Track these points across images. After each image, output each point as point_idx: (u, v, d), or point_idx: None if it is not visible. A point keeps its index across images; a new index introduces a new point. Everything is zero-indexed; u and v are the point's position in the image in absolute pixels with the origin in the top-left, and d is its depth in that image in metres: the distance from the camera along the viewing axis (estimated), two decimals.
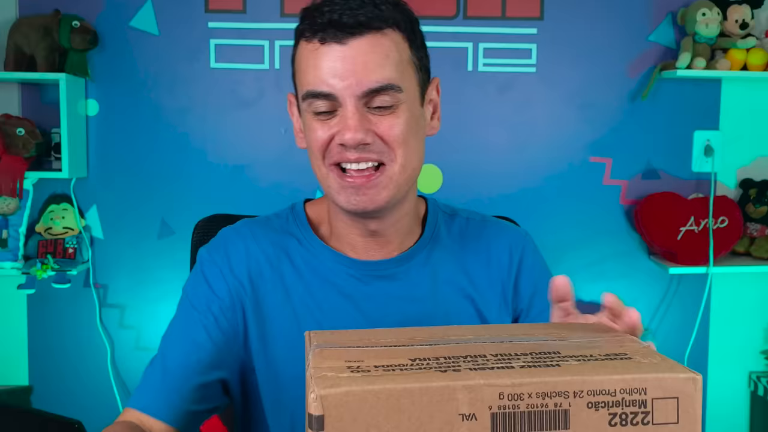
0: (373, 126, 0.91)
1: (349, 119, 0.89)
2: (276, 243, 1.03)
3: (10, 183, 2.25)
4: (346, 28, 0.89)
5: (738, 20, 2.37)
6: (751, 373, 2.59)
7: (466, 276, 1.03)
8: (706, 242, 2.41)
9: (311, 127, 0.93)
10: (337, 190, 0.94)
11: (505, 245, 1.06)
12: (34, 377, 2.49)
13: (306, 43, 0.92)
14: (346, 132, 0.89)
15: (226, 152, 2.44)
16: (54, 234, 2.40)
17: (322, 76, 0.89)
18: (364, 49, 0.89)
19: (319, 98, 0.91)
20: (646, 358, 0.60)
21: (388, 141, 0.92)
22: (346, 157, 0.92)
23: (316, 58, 0.90)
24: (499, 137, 2.49)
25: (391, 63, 0.91)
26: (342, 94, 0.89)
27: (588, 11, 2.45)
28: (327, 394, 0.54)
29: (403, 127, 0.92)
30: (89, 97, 2.42)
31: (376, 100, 0.90)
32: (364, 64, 0.89)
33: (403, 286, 1.00)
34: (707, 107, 2.52)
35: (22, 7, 2.36)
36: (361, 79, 0.89)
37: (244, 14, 2.41)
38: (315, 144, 0.93)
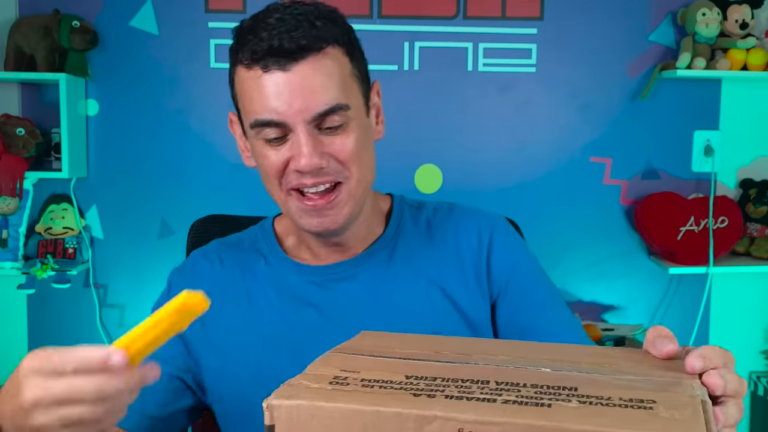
0: (325, 147, 0.90)
1: (303, 146, 0.88)
2: (243, 264, 1.04)
3: (10, 183, 2.25)
4: (287, 54, 0.87)
5: (738, 20, 2.37)
6: (751, 373, 2.59)
7: (435, 265, 1.01)
8: (706, 242, 2.41)
9: (263, 154, 0.93)
10: (298, 214, 0.94)
11: (474, 229, 1.03)
12: None
13: (246, 70, 0.90)
14: (300, 158, 0.89)
15: (226, 152, 2.44)
16: (54, 234, 2.40)
17: (269, 104, 0.88)
18: (307, 73, 0.88)
19: (268, 126, 0.90)
20: (670, 410, 0.51)
21: (343, 160, 0.91)
22: (302, 182, 0.91)
23: (260, 87, 0.88)
24: (499, 137, 2.49)
25: (336, 82, 0.90)
26: (292, 121, 0.88)
27: (588, 11, 2.45)
28: (279, 404, 0.53)
29: (354, 144, 0.92)
30: (89, 97, 2.42)
31: (326, 121, 0.89)
32: (310, 89, 0.88)
33: (364, 286, 0.99)
34: (707, 107, 2.52)
35: (22, 7, 2.36)
36: (309, 104, 0.88)
37: (244, 14, 2.40)
38: (269, 170, 0.93)
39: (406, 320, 0.97)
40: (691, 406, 0.52)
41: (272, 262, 1.03)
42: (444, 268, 1.01)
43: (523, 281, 1.02)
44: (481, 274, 1.01)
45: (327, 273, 1.00)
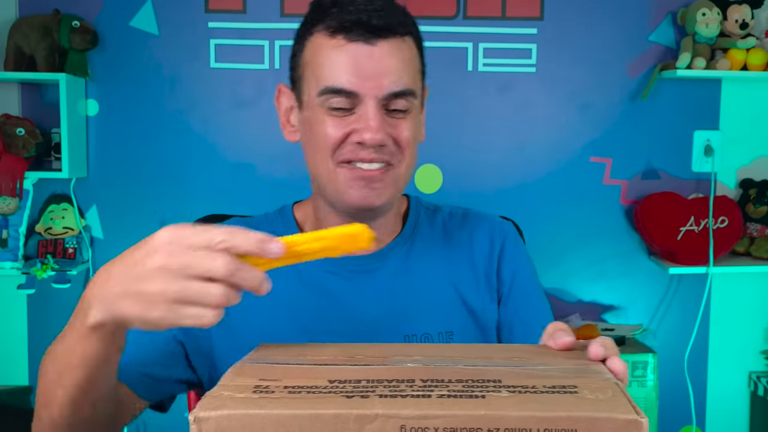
0: (388, 128, 0.92)
1: (371, 119, 0.90)
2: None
3: (10, 183, 2.25)
4: (375, 30, 0.90)
5: (738, 20, 2.37)
6: (751, 373, 2.59)
7: (450, 267, 1.04)
8: (706, 242, 2.41)
9: (322, 122, 0.93)
10: (347, 184, 0.94)
11: (486, 234, 1.07)
12: (34, 377, 2.49)
13: (327, 38, 0.92)
14: (366, 132, 0.90)
15: (226, 152, 2.44)
16: (54, 234, 2.40)
17: (347, 73, 0.90)
18: (390, 53, 0.91)
19: (340, 95, 0.91)
20: (594, 393, 0.54)
21: (401, 144, 0.94)
22: (360, 155, 0.92)
23: (341, 55, 0.90)
24: (499, 137, 2.49)
25: (410, 69, 0.93)
26: (366, 94, 0.90)
27: (588, 11, 2.45)
28: (207, 416, 0.51)
29: (412, 132, 0.95)
30: (89, 97, 2.42)
31: (393, 103, 0.92)
32: (388, 68, 0.90)
33: (383, 280, 1.01)
34: (707, 107, 2.52)
35: (22, 7, 2.36)
36: (385, 82, 0.90)
37: (244, 14, 2.41)
38: (325, 140, 0.93)
39: (420, 316, 1.00)
40: (610, 388, 0.55)
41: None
42: (458, 270, 1.04)
43: (524, 286, 1.07)
44: (491, 278, 1.05)
45: (348, 264, 1.00)
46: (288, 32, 2.39)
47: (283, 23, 2.40)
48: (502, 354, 0.66)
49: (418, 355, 0.65)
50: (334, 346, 0.70)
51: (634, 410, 0.50)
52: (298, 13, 2.39)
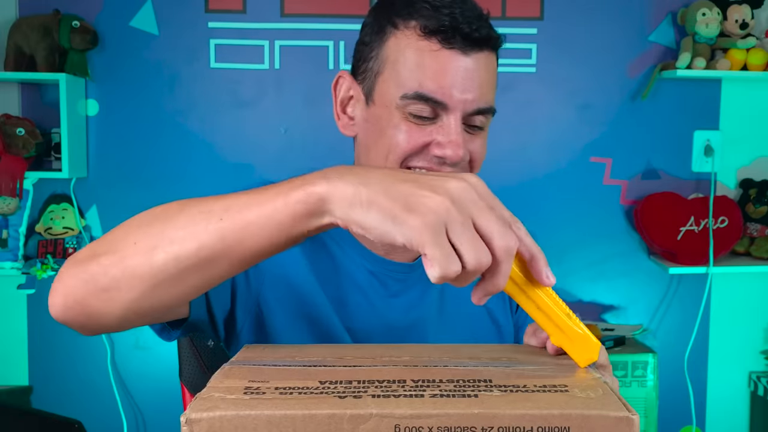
0: (467, 144, 0.89)
1: (455, 135, 0.86)
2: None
3: (10, 183, 2.25)
4: (474, 41, 0.86)
5: (738, 20, 2.37)
6: (751, 373, 2.59)
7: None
8: (706, 242, 2.41)
9: (398, 127, 0.87)
10: None
11: None
12: (34, 377, 2.49)
13: (419, 38, 0.86)
14: (448, 146, 0.86)
15: (226, 152, 2.44)
16: (54, 234, 2.40)
17: (440, 82, 0.85)
18: (483, 66, 0.87)
19: (426, 102, 0.85)
20: (585, 391, 0.54)
21: (474, 161, 0.91)
22: (434, 167, 0.87)
23: (435, 61, 0.85)
24: (499, 137, 2.49)
25: (494, 86, 0.91)
26: (455, 107, 0.86)
27: (588, 11, 2.45)
28: (199, 418, 0.50)
29: (485, 148, 0.93)
30: (89, 97, 2.42)
31: (473, 119, 0.89)
32: (480, 82, 0.87)
33: (417, 289, 0.97)
34: (707, 107, 2.52)
35: (22, 7, 2.36)
36: (476, 96, 0.86)
37: (244, 14, 2.41)
38: (399, 147, 0.87)
39: (448, 328, 0.98)
40: (600, 387, 0.55)
41: (333, 233, 0.96)
42: None
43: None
44: None
45: (387, 269, 0.96)
46: (288, 32, 2.41)
47: (283, 23, 2.40)
48: (489, 354, 0.67)
49: (406, 356, 0.65)
50: (323, 347, 0.69)
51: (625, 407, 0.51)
52: (298, 13, 2.39)
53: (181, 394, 1.34)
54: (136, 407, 2.48)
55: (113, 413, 2.47)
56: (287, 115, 2.43)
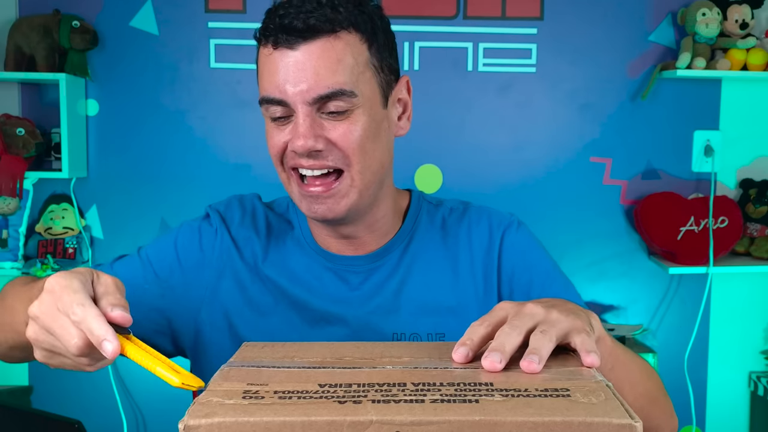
0: (326, 132, 0.89)
1: (299, 126, 0.88)
2: (273, 226, 1.04)
3: (10, 183, 2.25)
4: (295, 33, 0.87)
5: (738, 20, 2.37)
6: (751, 373, 2.59)
7: (446, 266, 1.01)
8: (706, 242, 2.41)
9: (269, 133, 0.93)
10: (298, 198, 0.94)
11: (485, 227, 1.03)
12: (34, 377, 2.49)
13: (262, 47, 0.91)
14: (296, 139, 0.89)
15: (226, 152, 2.45)
16: (54, 234, 2.40)
17: (275, 81, 0.88)
18: (315, 54, 0.87)
19: (273, 104, 0.90)
20: (587, 396, 0.54)
21: (343, 147, 0.90)
22: (300, 163, 0.91)
23: (270, 64, 0.89)
24: (499, 137, 2.49)
25: (344, 67, 0.88)
26: (293, 101, 0.88)
27: (588, 11, 2.45)
28: (197, 424, 0.50)
29: (359, 133, 0.90)
30: (89, 97, 2.42)
31: (329, 106, 0.88)
32: (314, 70, 0.87)
33: (376, 279, 0.99)
34: (707, 107, 2.52)
35: (22, 7, 2.36)
36: (312, 86, 0.87)
37: (244, 14, 2.41)
38: (272, 149, 0.93)
39: (410, 316, 0.98)
40: (602, 391, 0.55)
41: (299, 236, 1.02)
42: (455, 269, 1.01)
43: (538, 278, 1.04)
44: (491, 273, 1.01)
45: (344, 264, 1.00)
46: None
47: None
48: None
49: (406, 356, 0.65)
50: (321, 346, 0.69)
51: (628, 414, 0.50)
52: None
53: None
54: (136, 407, 2.48)
55: (113, 413, 2.47)
56: None
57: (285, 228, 1.04)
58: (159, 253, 1.02)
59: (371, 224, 0.99)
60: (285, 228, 1.04)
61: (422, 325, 0.97)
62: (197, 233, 1.02)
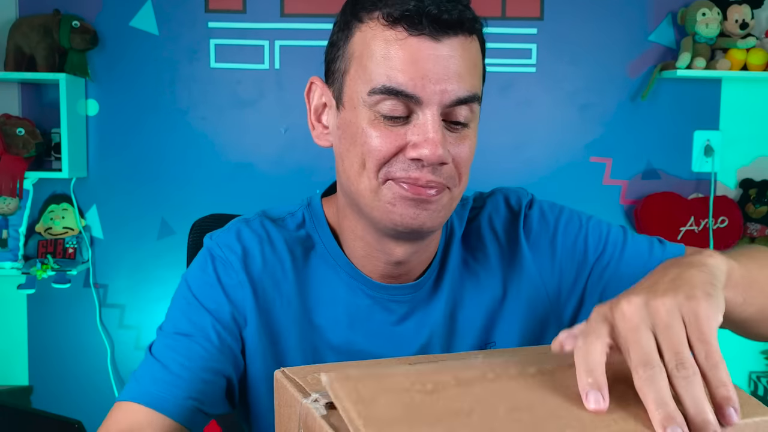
0: (448, 145, 0.77)
1: (431, 132, 0.75)
2: (292, 248, 0.89)
3: (10, 183, 2.25)
4: (445, 24, 0.75)
5: (738, 20, 2.37)
6: (751, 373, 2.59)
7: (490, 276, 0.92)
8: (706, 242, 2.41)
9: (368, 132, 0.78)
10: (392, 201, 0.79)
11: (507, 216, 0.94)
12: (34, 377, 2.49)
13: (384, 27, 0.77)
14: (426, 146, 0.75)
15: (226, 152, 2.45)
16: (54, 234, 2.40)
17: (407, 71, 0.75)
18: (459, 52, 0.76)
19: (396, 97, 0.76)
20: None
21: (459, 165, 0.79)
22: (413, 176, 0.77)
23: (402, 50, 0.75)
24: (500, 137, 2.49)
25: (477, 73, 0.79)
26: (428, 99, 0.75)
27: (588, 11, 2.46)
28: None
29: (471, 149, 0.81)
30: (89, 97, 2.42)
31: (454, 113, 0.78)
32: (457, 70, 0.76)
33: (423, 308, 0.90)
34: (707, 107, 2.52)
35: (22, 7, 2.36)
36: (452, 87, 0.76)
37: (244, 14, 2.41)
38: (373, 153, 0.77)
39: (463, 335, 0.91)
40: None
41: (323, 253, 0.89)
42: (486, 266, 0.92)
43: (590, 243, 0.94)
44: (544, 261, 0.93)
45: (388, 294, 0.88)
46: (288, 32, 2.41)
47: (283, 23, 2.40)
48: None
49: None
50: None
51: None
52: (298, 13, 2.40)
53: None
54: None
55: None
56: (287, 115, 2.43)
57: (307, 248, 0.90)
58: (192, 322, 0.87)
59: (426, 247, 0.88)
60: (307, 248, 0.90)
61: (469, 343, 0.90)
62: (219, 287, 0.88)
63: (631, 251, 0.94)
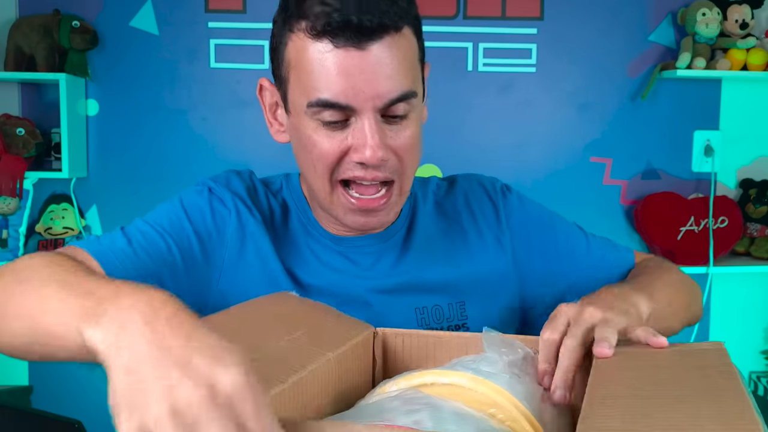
0: (388, 140, 0.82)
1: (369, 137, 0.79)
2: (274, 205, 0.96)
3: (10, 183, 2.25)
4: (366, 32, 0.77)
5: (738, 20, 2.37)
6: (751, 373, 2.59)
7: (457, 235, 0.98)
8: (706, 242, 2.41)
9: (313, 139, 0.83)
10: (343, 211, 0.87)
11: (482, 193, 1.01)
12: (34, 377, 2.49)
13: (312, 40, 0.79)
14: (365, 150, 0.80)
15: (226, 152, 2.44)
16: (54, 234, 2.40)
17: (337, 85, 0.78)
18: (384, 55, 0.78)
19: (331, 108, 0.80)
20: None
21: (401, 155, 0.84)
22: (360, 175, 0.83)
23: (329, 63, 0.78)
24: (499, 137, 2.49)
25: (408, 67, 0.81)
26: (361, 107, 0.79)
27: (588, 11, 2.45)
28: None
29: (413, 137, 0.84)
30: (89, 97, 2.42)
31: (392, 110, 0.81)
32: (385, 73, 0.78)
33: (389, 261, 0.94)
34: (707, 107, 2.52)
35: (22, 7, 2.36)
36: (383, 90, 0.79)
37: (244, 14, 2.41)
38: (323, 158, 0.83)
39: (430, 290, 0.94)
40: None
41: (301, 216, 0.95)
42: (465, 238, 0.98)
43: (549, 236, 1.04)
44: (504, 238, 0.99)
45: (356, 245, 0.93)
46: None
47: None
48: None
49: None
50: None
51: None
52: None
53: None
54: None
55: None
56: None
57: (284, 210, 0.96)
58: (172, 224, 0.94)
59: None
60: (284, 210, 0.96)
61: (442, 297, 0.94)
62: (208, 208, 0.94)
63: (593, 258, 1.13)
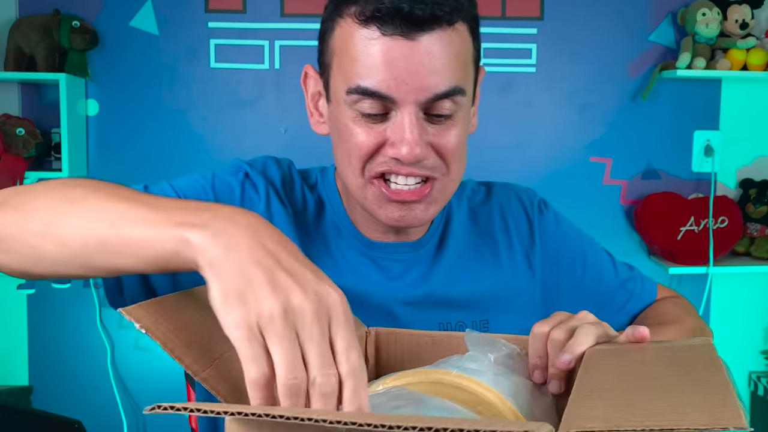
0: (430, 137, 0.79)
1: (408, 132, 0.76)
2: (308, 197, 0.93)
3: (10, 183, 2.25)
4: (417, 22, 0.74)
5: (738, 20, 2.37)
6: (751, 373, 2.59)
7: (486, 248, 0.95)
8: (706, 242, 2.41)
9: (351, 129, 0.80)
10: (377, 203, 0.83)
11: (517, 206, 0.99)
12: (34, 377, 2.49)
13: (359, 25, 0.76)
14: (402, 146, 0.77)
15: (226, 152, 2.44)
16: None
17: (380, 73, 0.75)
18: (434, 48, 0.75)
19: (371, 97, 0.77)
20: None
21: (444, 155, 0.80)
22: (394, 169, 0.79)
23: (374, 50, 0.75)
24: (500, 137, 2.49)
25: (460, 64, 0.78)
26: (402, 99, 0.76)
27: (588, 11, 2.45)
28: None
29: (460, 138, 0.81)
30: (89, 97, 2.42)
31: (436, 107, 0.78)
32: (433, 66, 0.75)
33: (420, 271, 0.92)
34: (707, 107, 2.52)
35: (22, 7, 2.36)
36: (428, 84, 0.76)
37: (244, 14, 2.41)
38: (356, 150, 0.80)
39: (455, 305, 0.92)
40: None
41: (333, 215, 0.92)
42: (495, 252, 0.95)
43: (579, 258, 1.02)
44: (534, 255, 0.97)
45: (385, 252, 0.90)
46: (288, 32, 2.41)
47: (283, 23, 2.40)
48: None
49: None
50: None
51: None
52: (298, 13, 2.40)
53: (186, 394, 1.34)
54: (136, 407, 2.48)
55: (113, 413, 2.47)
56: (287, 115, 2.43)
57: (318, 207, 0.93)
58: (197, 194, 0.89)
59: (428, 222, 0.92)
60: (318, 207, 0.93)
61: (467, 314, 0.92)
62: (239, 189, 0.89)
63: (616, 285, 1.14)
